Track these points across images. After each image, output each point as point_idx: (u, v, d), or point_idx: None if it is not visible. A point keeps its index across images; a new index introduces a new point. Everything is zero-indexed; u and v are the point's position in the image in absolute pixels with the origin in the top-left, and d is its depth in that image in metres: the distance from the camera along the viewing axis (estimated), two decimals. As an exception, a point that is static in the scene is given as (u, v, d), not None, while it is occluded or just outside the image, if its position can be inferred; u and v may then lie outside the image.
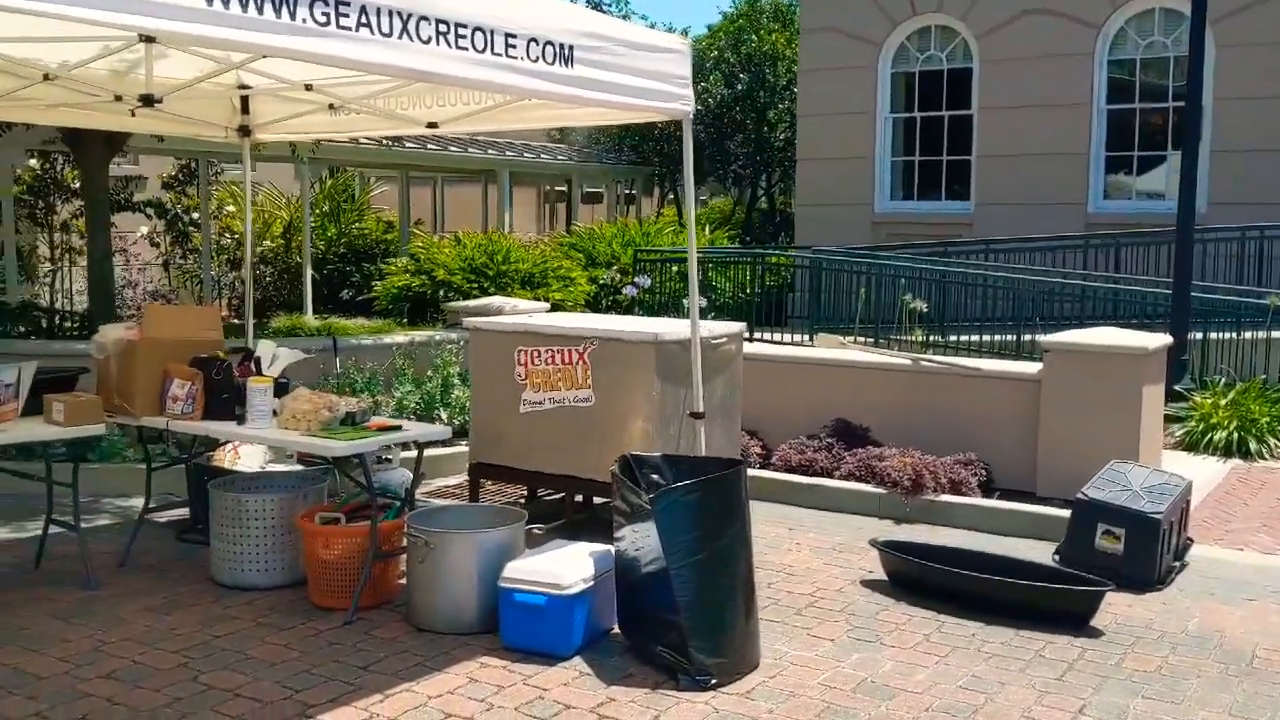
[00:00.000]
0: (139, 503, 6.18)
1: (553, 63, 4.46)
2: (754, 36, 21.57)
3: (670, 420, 6.38)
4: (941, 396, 7.76)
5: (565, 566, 4.74)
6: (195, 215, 16.63)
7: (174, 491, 6.73)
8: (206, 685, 4.35)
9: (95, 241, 9.40)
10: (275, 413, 5.33)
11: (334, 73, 5.79)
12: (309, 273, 15.61)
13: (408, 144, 17.21)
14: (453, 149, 17.78)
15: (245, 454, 6.55)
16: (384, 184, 22.38)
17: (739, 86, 20.94)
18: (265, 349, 5.76)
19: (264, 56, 5.25)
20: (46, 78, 5.49)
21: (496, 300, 9.70)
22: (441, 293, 13.39)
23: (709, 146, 21.41)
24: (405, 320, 12.93)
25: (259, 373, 5.63)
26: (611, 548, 4.88)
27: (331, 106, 6.44)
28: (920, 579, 5.59)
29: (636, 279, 12.37)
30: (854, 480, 7.44)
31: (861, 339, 10.52)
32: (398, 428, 5.32)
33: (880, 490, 7.23)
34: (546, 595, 4.61)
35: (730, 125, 21.21)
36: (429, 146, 17.40)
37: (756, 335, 12.00)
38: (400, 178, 20.07)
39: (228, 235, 17.82)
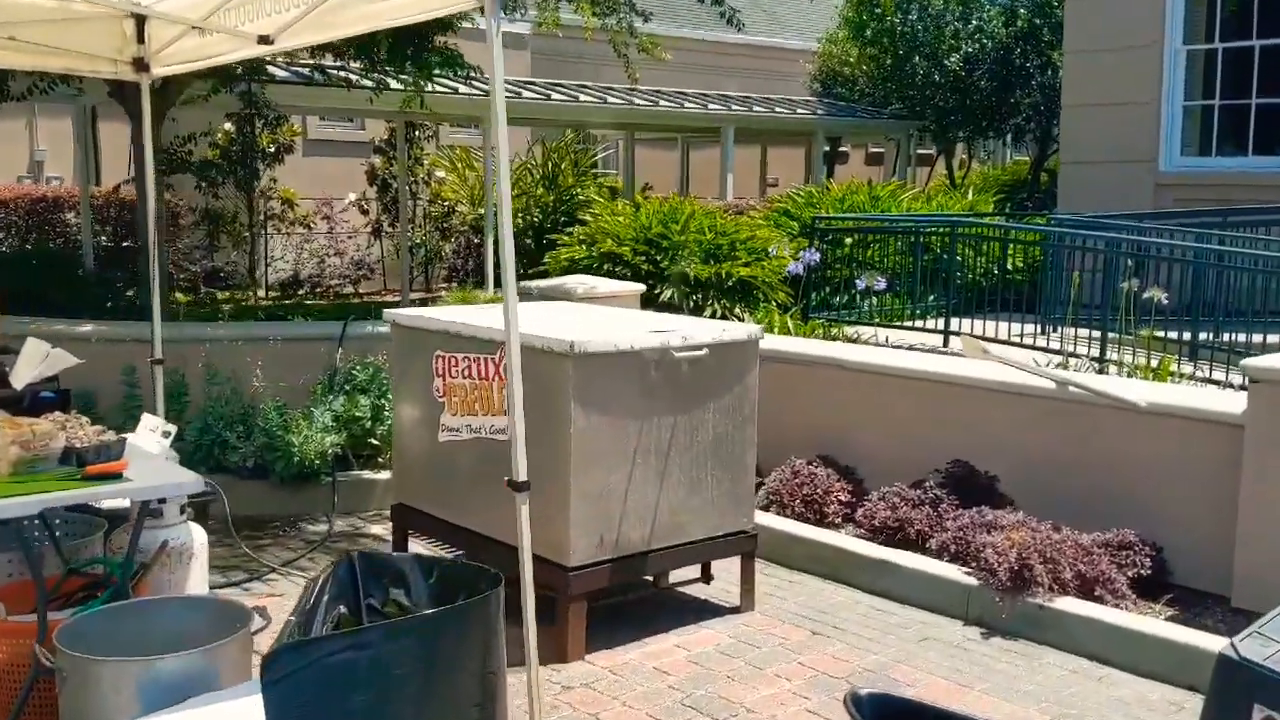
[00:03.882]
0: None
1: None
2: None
3: (610, 469, 4.37)
4: (1098, 439, 5.21)
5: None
6: (406, 181, 15.89)
7: None
8: None
9: (146, 205, 8.41)
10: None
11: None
12: (489, 242, 14.42)
13: (612, 100, 15.63)
14: (665, 103, 16.02)
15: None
16: (652, 148, 20.96)
17: (1019, 23, 17.74)
18: (33, 349, 4.31)
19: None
20: None
21: (570, 280, 7.91)
22: (606, 266, 11.72)
23: (990, 96, 18.35)
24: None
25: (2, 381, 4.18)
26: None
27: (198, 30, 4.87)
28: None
29: (802, 253, 10.12)
30: (943, 558, 5.08)
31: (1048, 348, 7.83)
32: (118, 477, 3.68)
33: (971, 579, 4.85)
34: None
35: (1010, 72, 18.05)
36: (637, 102, 15.75)
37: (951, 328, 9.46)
38: (626, 138, 18.57)
39: (439, 203, 16.98)
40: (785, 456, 6.15)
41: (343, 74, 11.55)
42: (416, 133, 16.37)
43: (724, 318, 10.61)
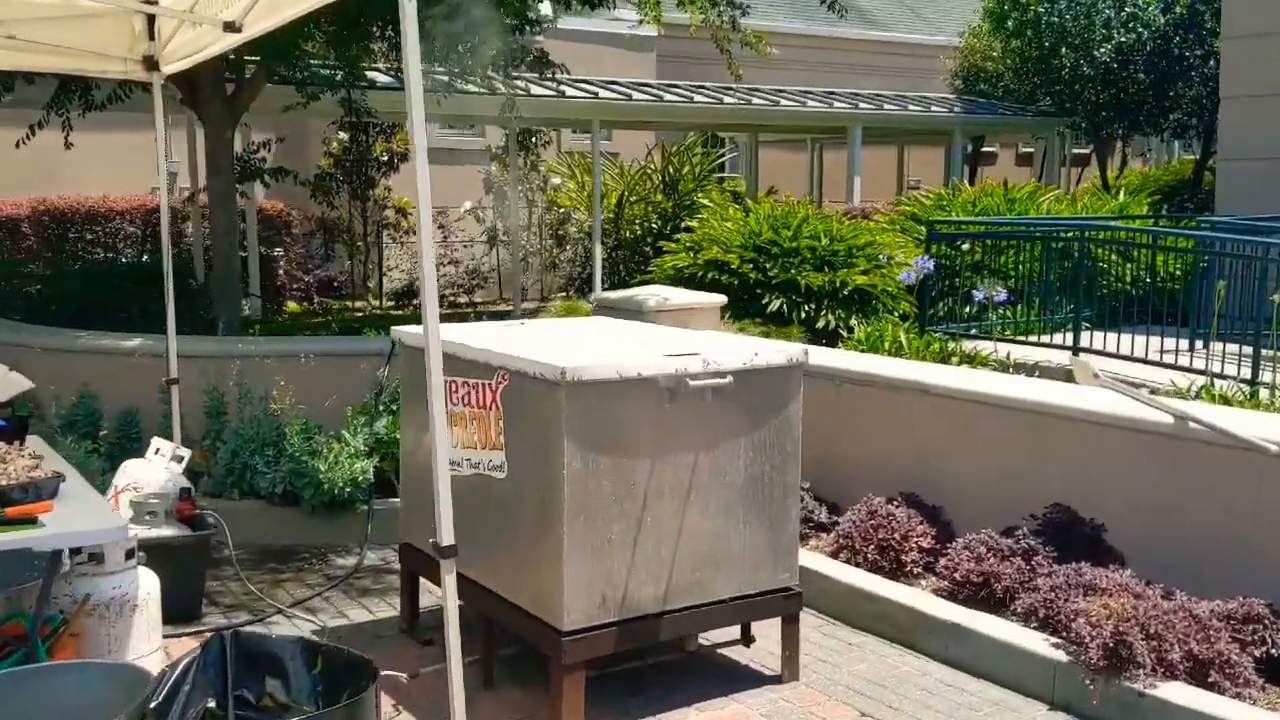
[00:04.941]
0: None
1: None
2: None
3: (614, 516, 3.74)
4: (1223, 487, 4.32)
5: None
6: (523, 188, 15.54)
7: None
8: None
9: (218, 215, 8.19)
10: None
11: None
12: (598, 250, 13.96)
13: (729, 100, 14.95)
14: (786, 103, 15.25)
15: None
16: (780, 150, 20.17)
17: (1178, 9, 16.29)
18: (-12, 373, 3.95)
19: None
20: None
21: (643, 291, 7.29)
22: (711, 274, 11.07)
23: (1147, 90, 16.95)
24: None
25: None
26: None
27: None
28: None
29: (917, 260, 9.25)
30: (1030, 624, 4.27)
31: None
32: (31, 522, 3.24)
33: (1060, 654, 4.03)
34: None
35: (1169, 63, 16.61)
36: (755, 102, 15.03)
37: (1082, 346, 8.49)
38: (750, 140, 17.85)
39: (555, 210, 16.57)
40: (863, 493, 5.41)
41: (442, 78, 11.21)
42: (534, 139, 16.01)
43: (837, 329, 9.84)
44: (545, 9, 9.25)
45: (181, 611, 4.79)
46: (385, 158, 14.87)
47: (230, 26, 4.03)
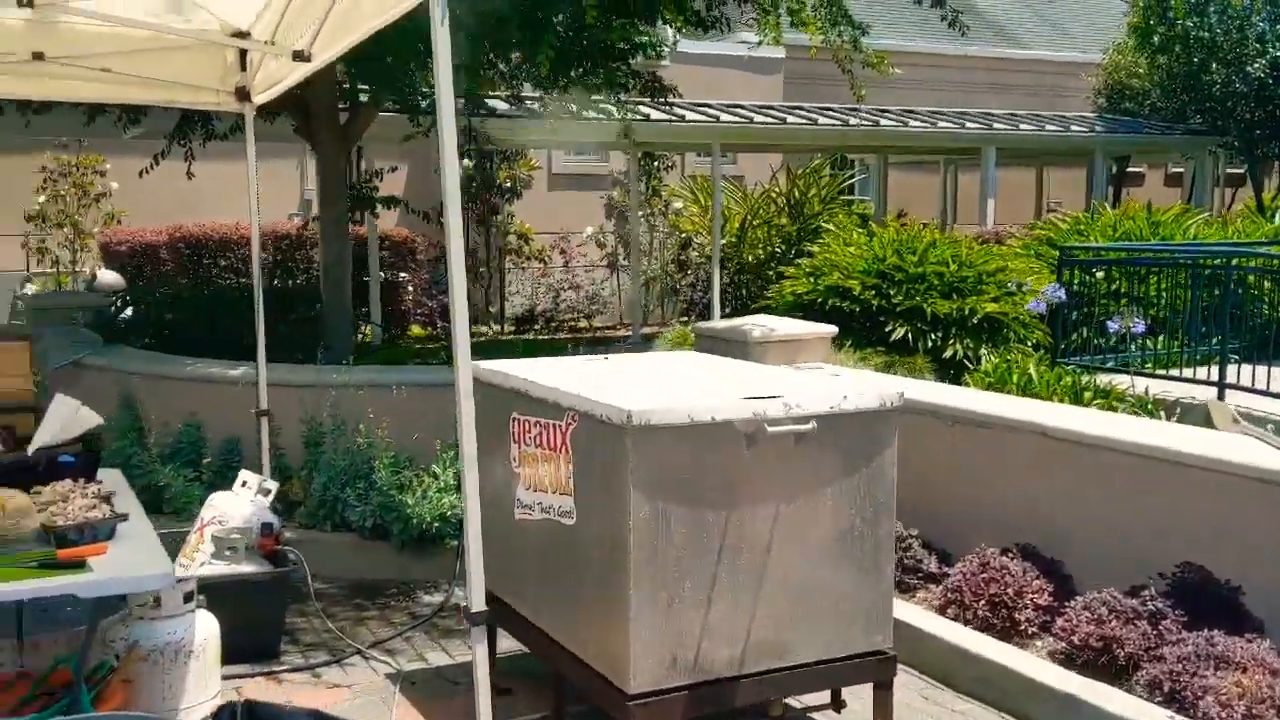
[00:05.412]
0: None
1: None
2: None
3: (685, 571, 3.49)
4: (1384, 552, 3.82)
5: None
6: (643, 212, 15.41)
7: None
8: None
9: (330, 243, 8.24)
10: None
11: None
12: (716, 276, 13.71)
13: (855, 121, 14.56)
14: (915, 124, 14.77)
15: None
16: (911, 171, 19.62)
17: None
18: (60, 407, 3.91)
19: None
20: None
21: (748, 321, 7.00)
22: (832, 301, 10.71)
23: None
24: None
25: (12, 444, 3.79)
26: None
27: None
28: None
29: (1046, 288, 8.74)
30: (1154, 698, 3.85)
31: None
32: (80, 566, 3.15)
33: (1186, 737, 3.61)
34: None
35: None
36: (882, 123, 14.59)
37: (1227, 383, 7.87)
38: (879, 161, 17.38)
39: (677, 234, 16.40)
40: (976, 541, 5.03)
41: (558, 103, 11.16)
42: (656, 163, 15.90)
43: (964, 359, 9.38)
44: (663, 34, 9.10)
45: (260, 649, 4.72)
46: (508, 184, 14.94)
47: (299, 56, 3.95)
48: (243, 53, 5.02)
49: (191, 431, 6.58)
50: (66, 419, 3.82)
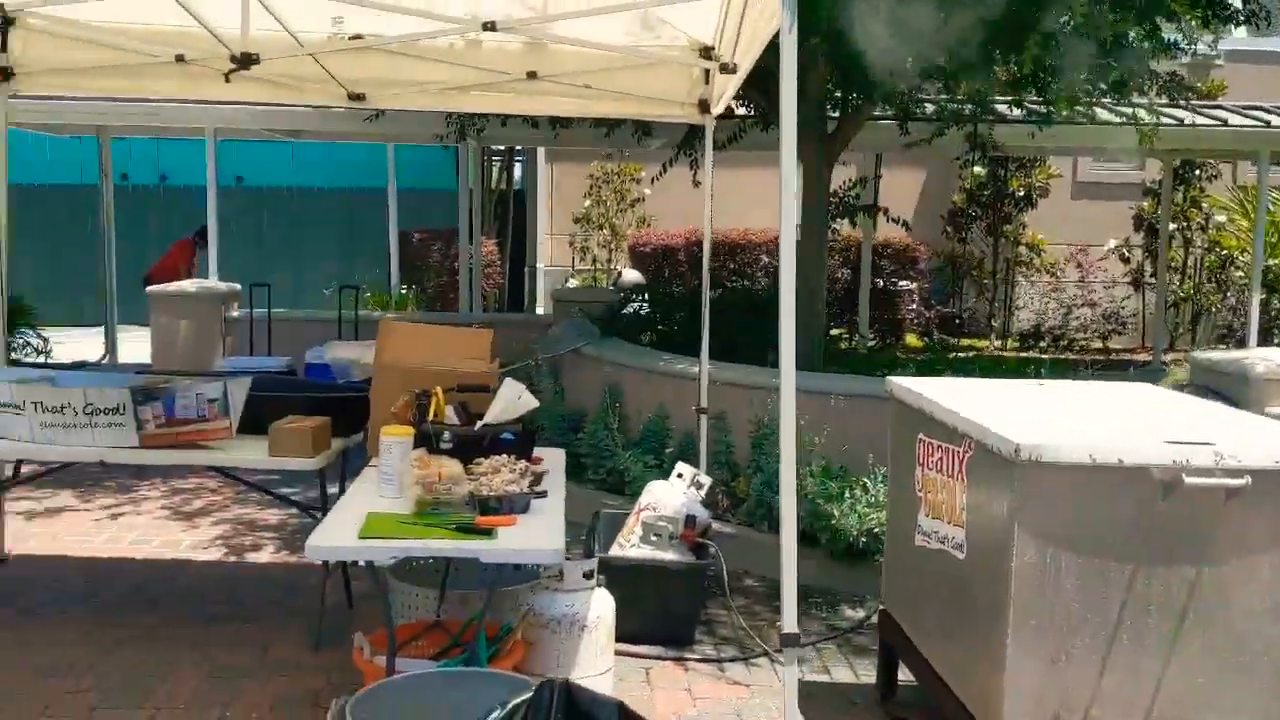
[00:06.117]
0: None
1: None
2: None
3: (1074, 626, 3.16)
4: None
5: None
6: (1177, 225, 14.01)
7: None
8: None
9: (807, 251, 8.37)
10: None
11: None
12: (1254, 300, 12.10)
13: None
14: None
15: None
16: None
17: None
18: (508, 391, 4.31)
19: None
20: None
21: (1259, 353, 6.00)
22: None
23: None
24: None
25: (466, 420, 4.25)
26: None
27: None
28: None
29: None
30: None
31: None
32: (489, 533, 3.50)
33: None
34: None
35: None
36: None
37: None
38: None
39: (1216, 251, 14.71)
40: None
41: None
42: (1197, 172, 14.40)
43: None
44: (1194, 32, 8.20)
45: (674, 636, 4.94)
46: (1022, 193, 14.27)
47: (726, 68, 4.06)
48: (707, 68, 5.26)
49: (658, 422, 7.01)
50: (510, 401, 4.24)
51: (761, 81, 8.16)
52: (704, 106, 5.39)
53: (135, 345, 12.47)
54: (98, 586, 5.45)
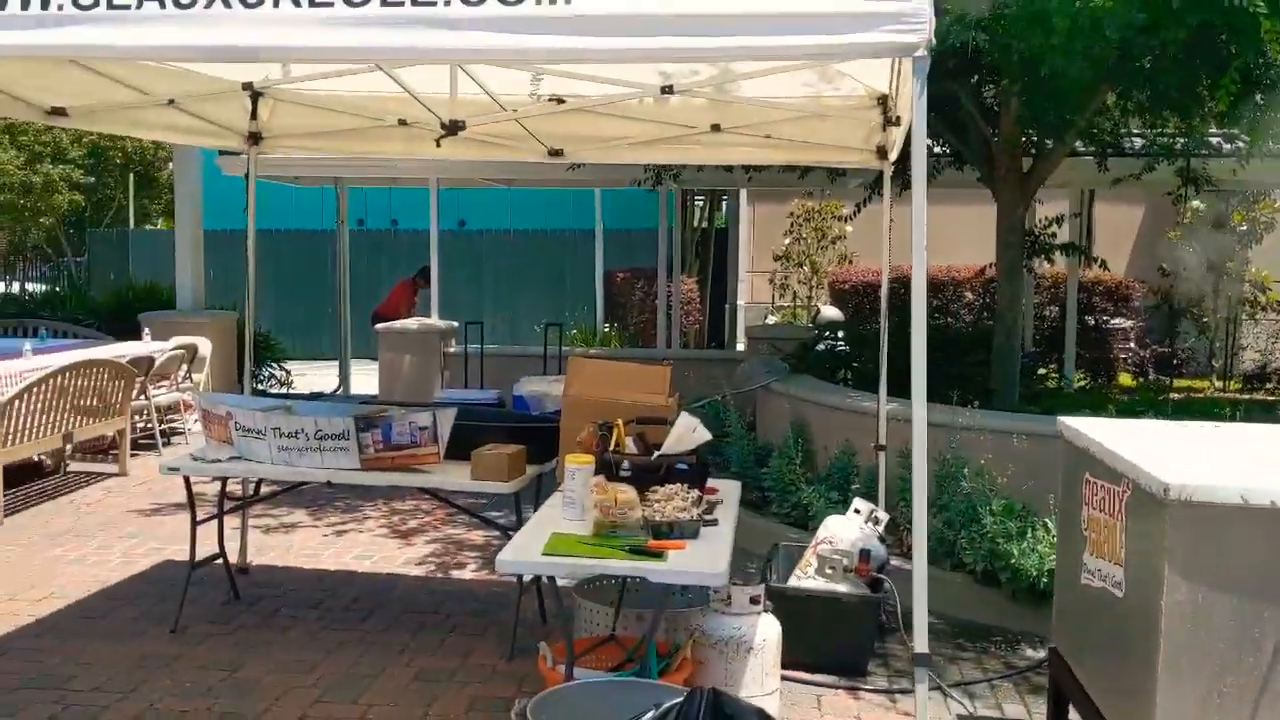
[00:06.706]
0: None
1: None
2: None
3: (1227, 669, 3.20)
4: None
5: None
6: None
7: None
8: None
9: (1004, 289, 8.38)
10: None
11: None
12: None
13: None
14: None
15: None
16: None
17: None
18: (684, 424, 4.60)
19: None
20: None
21: None
22: None
23: None
24: None
25: (644, 450, 4.57)
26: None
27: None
28: None
29: None
30: None
31: None
32: (659, 555, 3.80)
33: None
34: None
35: None
36: None
37: None
38: None
39: None
40: None
41: None
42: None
43: None
44: None
45: (847, 666, 5.10)
46: (1245, 228, 13.65)
47: (893, 120, 4.26)
48: (885, 115, 5.46)
49: (844, 458, 7.16)
50: (683, 433, 4.53)
51: (952, 119, 8.26)
52: (882, 152, 5.59)
53: (366, 378, 13.49)
54: (323, 596, 6.05)
